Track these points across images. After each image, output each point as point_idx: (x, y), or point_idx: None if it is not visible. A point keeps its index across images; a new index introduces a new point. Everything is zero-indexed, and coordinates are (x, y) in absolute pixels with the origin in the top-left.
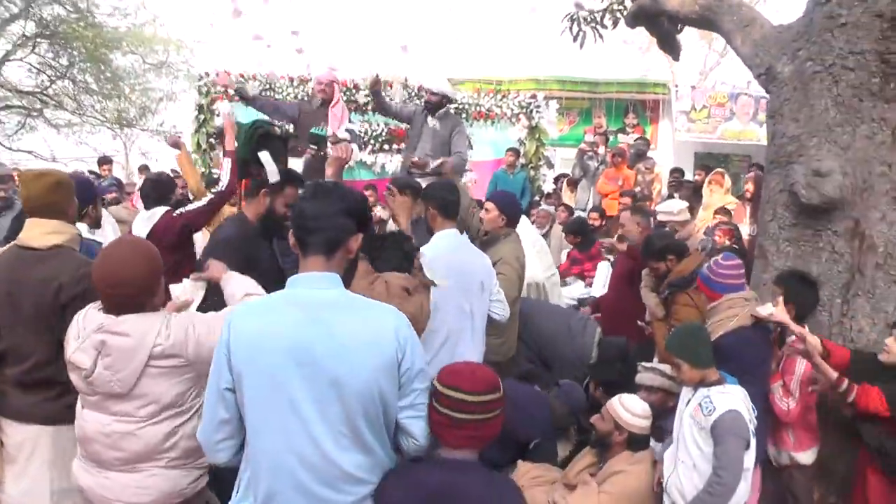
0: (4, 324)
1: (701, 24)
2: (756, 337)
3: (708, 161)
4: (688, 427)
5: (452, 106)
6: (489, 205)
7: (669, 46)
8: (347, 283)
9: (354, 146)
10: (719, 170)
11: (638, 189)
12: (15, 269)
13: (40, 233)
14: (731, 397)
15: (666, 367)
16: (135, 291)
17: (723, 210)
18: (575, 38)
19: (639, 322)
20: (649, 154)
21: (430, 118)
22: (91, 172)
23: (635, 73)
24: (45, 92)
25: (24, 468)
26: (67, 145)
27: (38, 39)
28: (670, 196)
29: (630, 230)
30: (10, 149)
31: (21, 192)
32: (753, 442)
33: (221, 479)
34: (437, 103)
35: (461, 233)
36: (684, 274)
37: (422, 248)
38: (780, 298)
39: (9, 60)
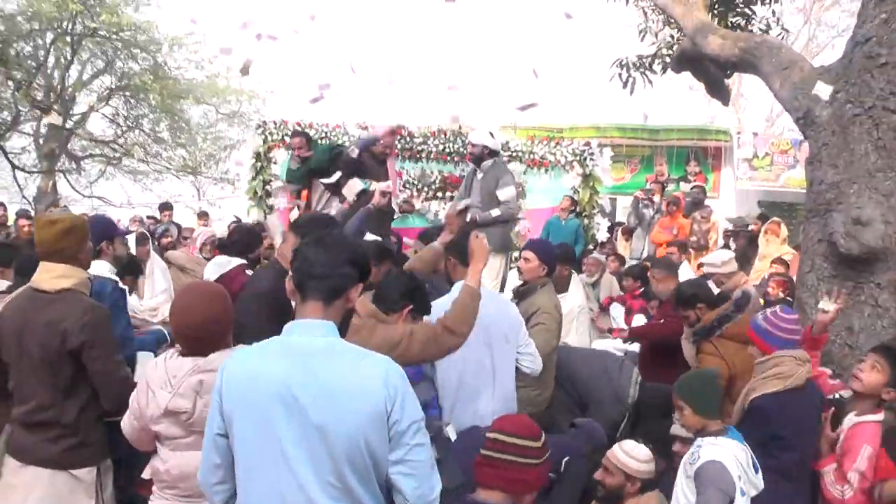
0: (13, 363)
1: (741, 68)
2: (796, 402)
3: (772, 210)
4: (679, 475)
5: (505, 154)
6: (529, 254)
7: (717, 91)
8: (343, 332)
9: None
10: (775, 219)
11: (694, 238)
12: (26, 311)
13: (50, 277)
14: (719, 449)
15: None
16: (218, 329)
17: (779, 260)
18: (625, 85)
19: None
20: (710, 202)
21: (478, 171)
22: (150, 217)
23: (700, 119)
24: (117, 142)
25: None
26: (143, 192)
27: (114, 92)
28: (725, 246)
29: (656, 286)
30: (83, 195)
31: (35, 236)
32: (743, 499)
33: None
34: (478, 155)
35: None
36: (706, 323)
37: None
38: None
39: (94, 112)
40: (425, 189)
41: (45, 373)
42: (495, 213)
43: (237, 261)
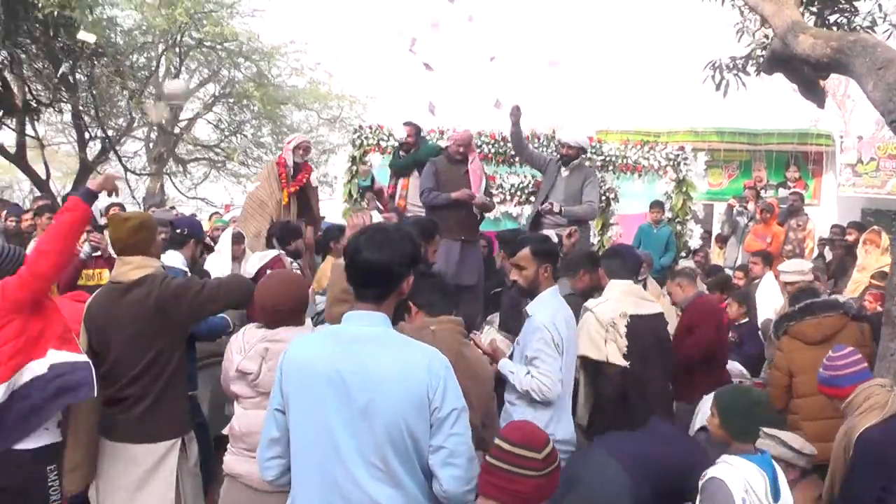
0: (104, 350)
1: (833, 68)
2: None
3: (877, 219)
4: None
5: (598, 158)
6: None
7: (812, 93)
8: (396, 319)
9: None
10: (875, 228)
11: (789, 247)
12: (110, 302)
13: (128, 269)
14: (728, 468)
15: (787, 435)
16: (289, 308)
17: (879, 273)
18: (718, 87)
19: None
20: (810, 210)
21: (563, 169)
22: None
23: (804, 122)
24: (220, 146)
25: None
26: (243, 194)
27: (218, 99)
28: (820, 255)
29: (675, 295)
30: (187, 197)
31: (110, 233)
32: None
33: None
34: (573, 156)
35: None
36: (775, 321)
37: (530, 308)
38: None
39: (199, 118)
40: (518, 193)
41: (135, 353)
42: (580, 208)
43: (273, 252)
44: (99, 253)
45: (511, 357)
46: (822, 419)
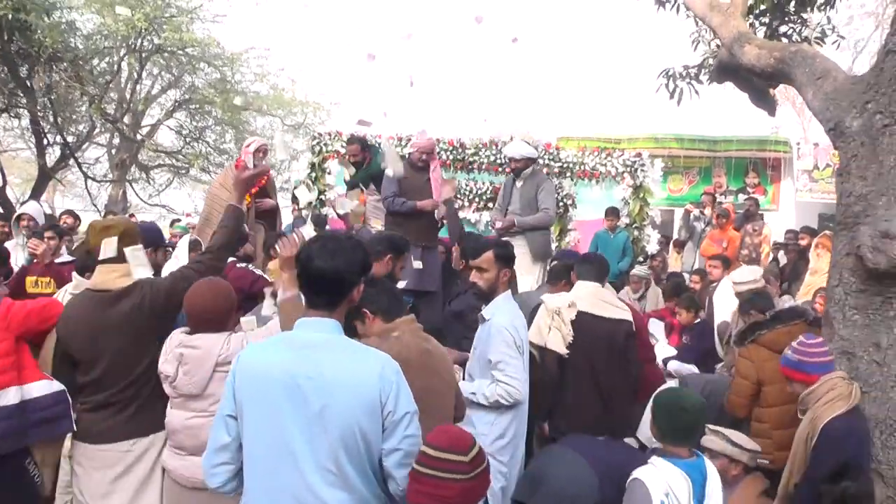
0: (87, 360)
1: (777, 78)
2: (861, 423)
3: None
4: None
5: (556, 165)
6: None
7: (762, 101)
8: (348, 326)
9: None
10: (827, 232)
11: (745, 252)
12: (96, 311)
13: (114, 277)
14: (650, 470)
15: (732, 433)
16: (209, 316)
17: None
18: (672, 95)
19: None
20: (769, 215)
21: (516, 180)
22: None
23: (765, 129)
24: (181, 152)
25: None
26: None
27: (180, 105)
28: (774, 259)
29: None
30: (150, 204)
31: (90, 240)
32: None
33: None
34: (522, 167)
35: None
36: (743, 328)
37: (486, 312)
38: None
39: (161, 125)
40: (476, 199)
41: (130, 360)
42: (533, 218)
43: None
44: (35, 260)
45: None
46: (791, 428)
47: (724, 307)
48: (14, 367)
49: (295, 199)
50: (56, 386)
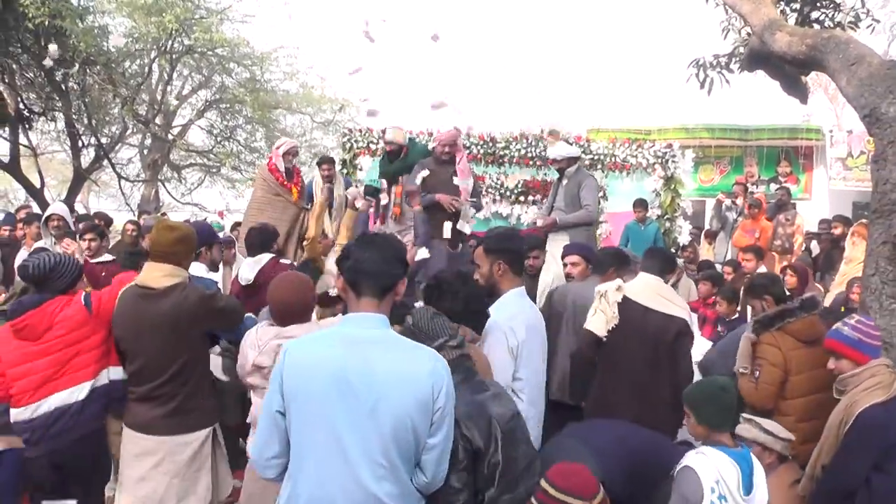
0: (131, 351)
1: (809, 65)
2: None
3: (869, 212)
4: None
5: (587, 157)
6: (574, 258)
7: (794, 89)
8: (392, 322)
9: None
10: (863, 221)
11: (777, 242)
12: (139, 306)
13: (159, 275)
14: (700, 458)
15: (765, 421)
16: (296, 308)
17: None
18: (702, 85)
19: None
20: (801, 204)
21: (562, 178)
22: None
23: (796, 118)
24: (213, 151)
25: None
26: (236, 199)
27: (210, 105)
28: (806, 249)
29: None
30: (182, 203)
31: (151, 235)
32: None
33: None
34: (565, 167)
35: None
36: (770, 313)
37: (492, 308)
38: None
39: (193, 125)
40: (508, 193)
41: (164, 360)
42: (574, 216)
43: (267, 256)
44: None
45: None
46: (815, 420)
47: None
48: (106, 354)
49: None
50: (121, 372)
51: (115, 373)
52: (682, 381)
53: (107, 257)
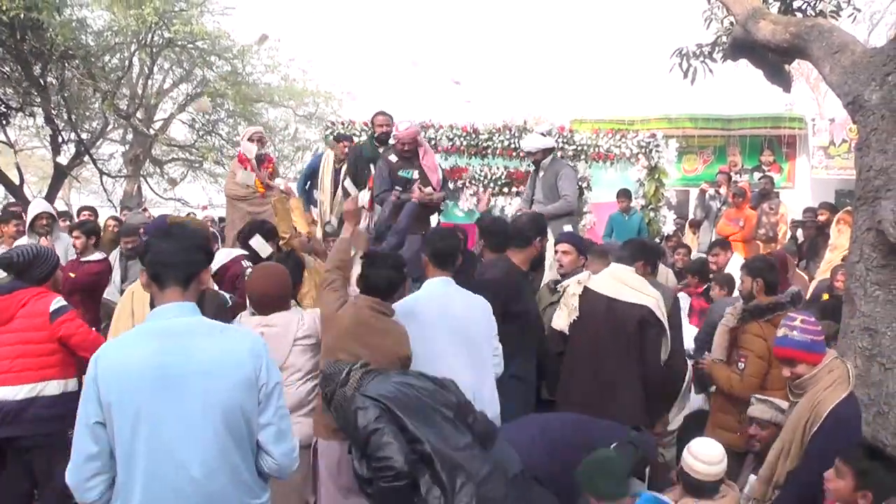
0: None
1: (793, 53)
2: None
3: (851, 200)
4: None
5: (570, 148)
6: (566, 246)
7: (778, 78)
8: (202, 311)
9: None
10: (849, 208)
11: (762, 231)
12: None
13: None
14: None
15: (780, 401)
16: (277, 296)
17: None
18: (685, 75)
19: (700, 362)
20: (784, 193)
21: (538, 170)
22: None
23: (779, 106)
24: (195, 146)
25: None
26: (219, 193)
27: (192, 99)
28: (793, 237)
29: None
30: (164, 198)
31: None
32: None
33: None
34: (541, 158)
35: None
36: (761, 303)
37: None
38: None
39: (174, 119)
40: (491, 185)
41: None
42: (553, 207)
43: (237, 251)
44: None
45: None
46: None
47: None
48: (58, 366)
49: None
50: None
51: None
52: (648, 372)
53: (96, 256)
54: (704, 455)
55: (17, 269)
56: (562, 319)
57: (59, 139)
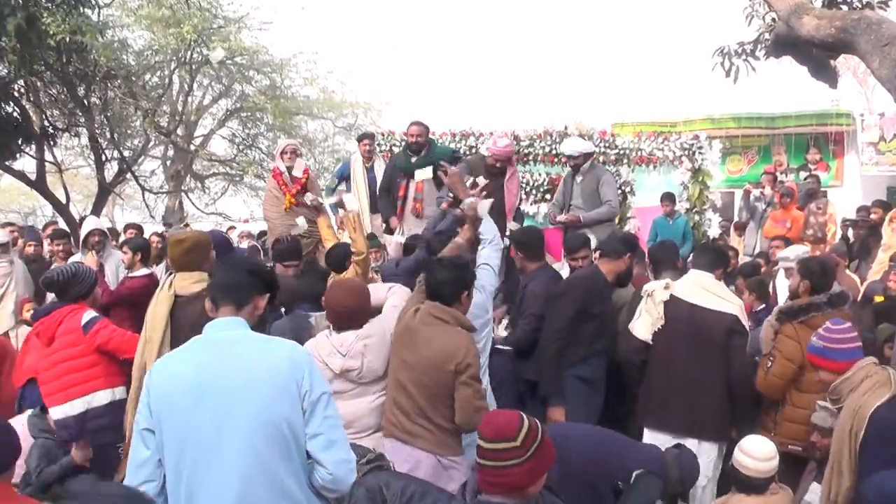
0: None
1: (839, 48)
2: None
3: None
4: None
5: (612, 152)
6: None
7: (823, 74)
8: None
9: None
10: None
11: (810, 231)
12: (175, 313)
13: (188, 283)
14: None
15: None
16: (361, 310)
17: None
18: (727, 74)
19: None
20: (833, 192)
21: (576, 176)
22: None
23: (825, 103)
24: (235, 160)
25: None
26: (260, 206)
27: (232, 114)
28: (844, 237)
29: None
30: (205, 213)
31: (168, 253)
32: None
33: None
34: (581, 163)
35: None
36: (795, 305)
37: None
38: None
39: (214, 134)
40: (533, 192)
41: None
42: (596, 213)
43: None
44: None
45: None
46: None
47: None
48: (102, 376)
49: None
50: None
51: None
52: (735, 380)
53: (143, 271)
54: (755, 451)
55: (57, 288)
56: (644, 328)
57: (103, 157)
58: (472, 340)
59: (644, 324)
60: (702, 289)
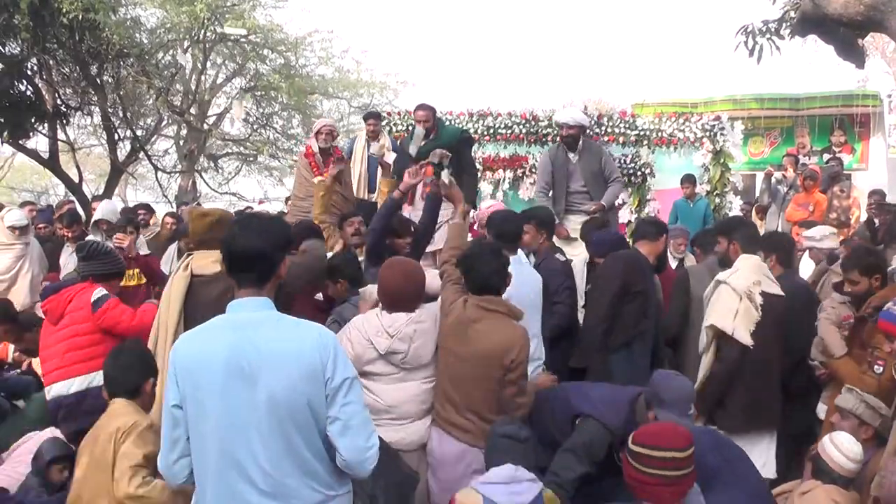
0: None
1: (868, 27)
2: None
3: None
4: None
5: (633, 133)
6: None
7: (850, 53)
8: (279, 303)
9: None
10: None
11: (833, 215)
12: (196, 293)
13: (208, 262)
14: None
15: (867, 396)
16: (409, 294)
17: None
18: (751, 53)
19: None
20: (858, 174)
21: (570, 154)
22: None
23: (851, 83)
24: (249, 140)
25: None
26: (275, 187)
27: (245, 93)
28: (869, 221)
29: None
30: (219, 193)
31: (189, 227)
32: None
33: None
34: (576, 136)
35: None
36: (888, 298)
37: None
38: None
39: (228, 114)
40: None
41: None
42: (611, 193)
43: None
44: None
45: None
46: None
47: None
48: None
49: None
50: None
51: None
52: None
53: (146, 251)
54: (847, 449)
55: (87, 256)
56: (746, 332)
57: (116, 137)
58: (526, 335)
59: (744, 325)
60: (763, 274)
